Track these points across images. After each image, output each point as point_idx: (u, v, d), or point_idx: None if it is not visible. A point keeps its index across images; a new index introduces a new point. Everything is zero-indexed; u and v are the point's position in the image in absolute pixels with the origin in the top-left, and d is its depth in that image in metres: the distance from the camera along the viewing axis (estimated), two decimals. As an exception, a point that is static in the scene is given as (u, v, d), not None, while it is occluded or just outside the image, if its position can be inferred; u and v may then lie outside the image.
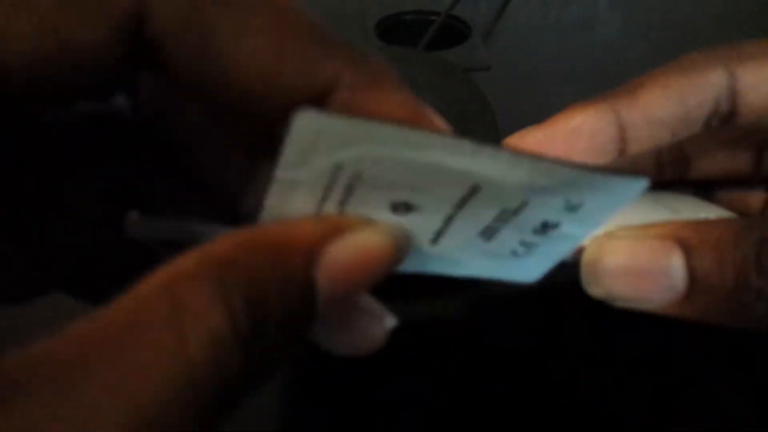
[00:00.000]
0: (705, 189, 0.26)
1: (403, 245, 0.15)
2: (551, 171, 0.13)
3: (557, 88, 0.42)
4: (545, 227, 0.16)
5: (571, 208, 0.15)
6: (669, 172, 0.26)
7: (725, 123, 0.22)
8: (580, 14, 0.49)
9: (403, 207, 0.14)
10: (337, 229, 0.13)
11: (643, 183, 0.14)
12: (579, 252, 0.18)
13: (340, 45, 0.14)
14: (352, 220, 0.14)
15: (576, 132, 0.21)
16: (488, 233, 0.16)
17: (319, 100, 0.14)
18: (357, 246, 0.14)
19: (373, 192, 0.14)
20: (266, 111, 0.14)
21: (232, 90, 0.14)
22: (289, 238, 0.13)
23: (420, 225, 0.15)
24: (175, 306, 0.11)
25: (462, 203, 0.14)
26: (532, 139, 0.22)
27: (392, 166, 0.13)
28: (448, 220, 0.15)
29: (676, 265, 0.17)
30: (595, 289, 0.18)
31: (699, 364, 0.25)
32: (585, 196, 0.14)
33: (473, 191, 0.14)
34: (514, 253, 0.17)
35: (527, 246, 0.16)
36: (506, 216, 0.15)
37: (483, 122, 0.30)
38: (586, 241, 0.18)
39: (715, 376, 0.25)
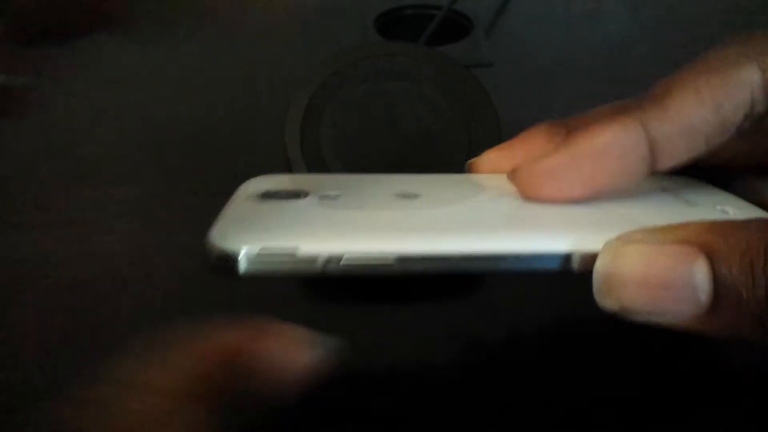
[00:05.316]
0: (720, 176, 0.24)
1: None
2: None
3: (562, 83, 0.41)
4: None
5: None
6: None
7: (757, 124, 0.20)
8: (585, 8, 0.48)
9: None
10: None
11: None
12: (589, 259, 0.17)
13: None
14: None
15: (603, 153, 0.19)
16: None
17: None
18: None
19: None
20: None
21: None
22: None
23: None
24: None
25: None
26: (552, 164, 0.20)
27: None
28: None
29: (699, 275, 0.15)
30: (607, 301, 0.17)
31: (712, 365, 0.24)
32: None
33: None
34: None
35: None
36: None
37: (485, 119, 0.29)
38: (597, 247, 0.17)
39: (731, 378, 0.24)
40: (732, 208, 0.20)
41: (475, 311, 0.27)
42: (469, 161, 0.23)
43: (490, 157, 0.23)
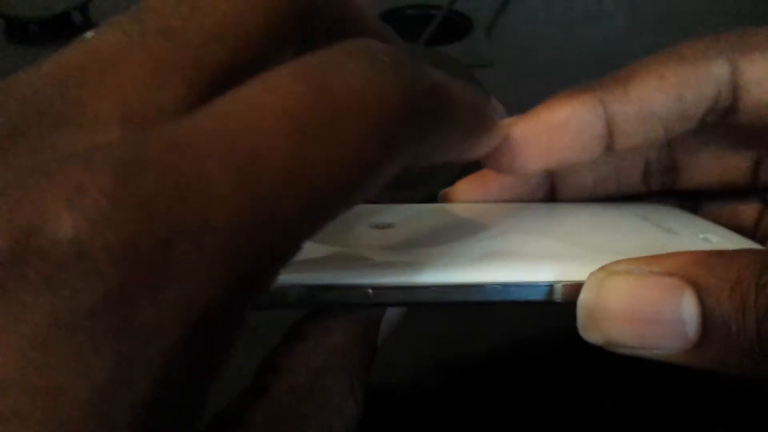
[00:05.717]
0: (692, 200, 0.24)
1: None
2: None
3: (561, 84, 0.40)
4: None
5: None
6: (656, 181, 0.23)
7: (722, 120, 0.20)
8: (585, 8, 0.48)
9: None
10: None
11: None
12: (573, 290, 0.16)
13: None
14: None
15: (560, 127, 0.19)
16: None
17: None
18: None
19: None
20: None
21: None
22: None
23: None
24: (325, 399, 0.15)
25: None
26: (510, 133, 0.19)
27: None
28: None
29: (687, 309, 0.15)
30: (592, 334, 0.16)
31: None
32: None
33: None
34: None
35: None
36: None
37: (485, 119, 0.29)
38: (582, 277, 0.16)
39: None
40: (714, 236, 0.20)
41: (475, 311, 0.27)
42: (442, 191, 0.23)
43: (463, 187, 0.22)
